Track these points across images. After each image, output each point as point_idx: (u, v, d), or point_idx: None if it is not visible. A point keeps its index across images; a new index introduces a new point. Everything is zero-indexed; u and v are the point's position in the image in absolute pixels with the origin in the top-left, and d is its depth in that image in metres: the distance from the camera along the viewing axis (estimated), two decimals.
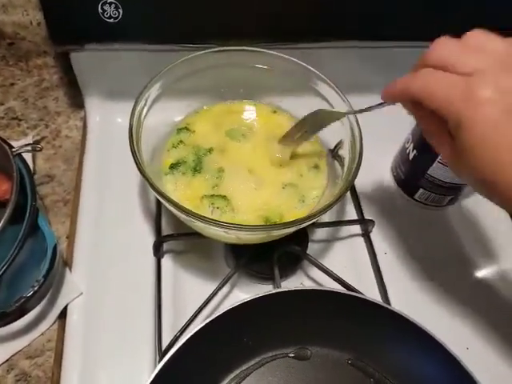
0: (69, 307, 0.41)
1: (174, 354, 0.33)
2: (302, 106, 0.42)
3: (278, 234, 0.38)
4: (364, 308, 0.37)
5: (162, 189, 0.37)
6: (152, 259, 0.44)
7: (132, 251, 0.45)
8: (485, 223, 0.50)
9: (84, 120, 0.52)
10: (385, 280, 0.45)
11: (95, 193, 0.47)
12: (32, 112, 0.52)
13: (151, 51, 0.44)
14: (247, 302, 0.36)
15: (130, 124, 0.36)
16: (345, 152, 0.42)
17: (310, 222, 0.37)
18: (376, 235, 0.48)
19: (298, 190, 0.42)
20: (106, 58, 0.45)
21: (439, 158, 0.43)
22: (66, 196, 0.47)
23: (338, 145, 0.50)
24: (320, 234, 0.48)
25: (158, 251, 0.44)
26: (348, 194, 0.50)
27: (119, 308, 0.42)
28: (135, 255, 0.44)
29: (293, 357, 0.38)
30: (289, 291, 0.37)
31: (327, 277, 0.43)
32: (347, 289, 0.42)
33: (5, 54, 0.55)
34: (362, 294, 0.41)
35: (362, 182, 0.51)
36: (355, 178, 0.38)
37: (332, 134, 0.43)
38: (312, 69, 0.41)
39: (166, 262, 0.45)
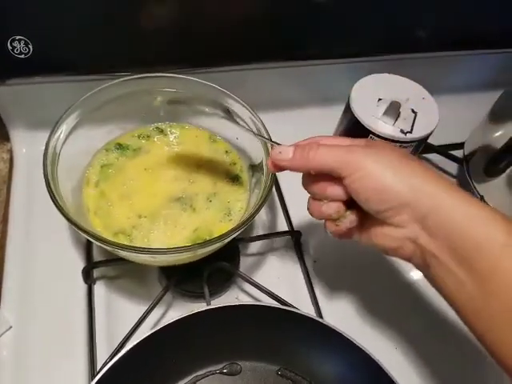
0: None
1: (101, 377, 0.34)
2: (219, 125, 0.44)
3: (204, 251, 0.39)
4: (289, 319, 0.39)
5: (84, 219, 0.38)
6: (83, 286, 0.44)
7: (63, 280, 0.44)
8: None
9: (10, 152, 0.51)
10: (315, 288, 0.46)
11: (23, 224, 0.47)
12: None
13: (69, 82, 0.44)
14: (172, 323, 0.37)
15: (44, 159, 0.37)
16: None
17: (233, 236, 0.38)
18: (306, 244, 0.50)
19: (222, 201, 0.43)
20: (26, 91, 0.45)
21: None
22: None
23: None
24: (252, 247, 0.50)
25: (88, 278, 0.44)
26: (279, 208, 0.52)
27: (50, 339, 0.41)
28: (66, 284, 0.44)
29: (224, 373, 0.39)
30: (211, 309, 0.38)
31: (260, 292, 0.44)
32: (278, 301, 0.43)
33: None
34: (290, 305, 0.43)
35: (290, 190, 0.53)
36: (270, 189, 0.39)
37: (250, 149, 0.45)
38: (224, 90, 0.42)
39: (99, 288, 0.45)
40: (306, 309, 0.44)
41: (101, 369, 0.35)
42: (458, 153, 0.56)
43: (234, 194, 0.43)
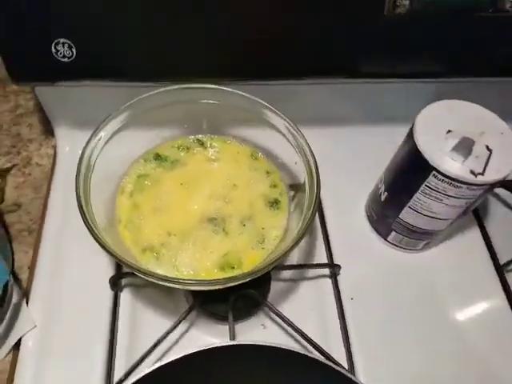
0: (23, 340, 0.40)
1: None
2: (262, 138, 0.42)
3: (234, 284, 0.37)
4: (314, 367, 0.35)
5: (114, 230, 0.37)
6: (110, 294, 0.43)
7: (91, 285, 0.44)
8: (462, 270, 0.47)
9: (55, 148, 0.52)
10: (348, 327, 0.43)
11: (59, 224, 0.47)
12: (5, 138, 0.52)
13: (113, 87, 0.43)
14: (192, 354, 0.35)
15: (78, 169, 0.36)
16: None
17: (264, 272, 0.35)
18: (344, 278, 0.46)
19: (257, 227, 0.40)
20: (71, 92, 0.45)
21: (410, 203, 0.41)
22: (31, 225, 0.47)
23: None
24: (286, 274, 0.46)
25: (115, 286, 0.43)
26: (319, 233, 0.49)
27: (73, 342, 0.41)
28: (94, 289, 0.43)
29: None
30: (232, 345, 0.35)
31: (285, 325, 0.41)
32: (304, 339, 0.40)
33: None
34: (317, 346, 0.39)
35: (334, 219, 0.49)
36: (310, 225, 0.35)
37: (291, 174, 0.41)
38: (265, 103, 0.40)
39: (125, 296, 0.44)
40: (336, 351, 0.41)
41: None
42: None
43: (270, 220, 0.40)
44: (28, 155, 0.51)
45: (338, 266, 0.45)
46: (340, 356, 0.41)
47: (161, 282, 0.34)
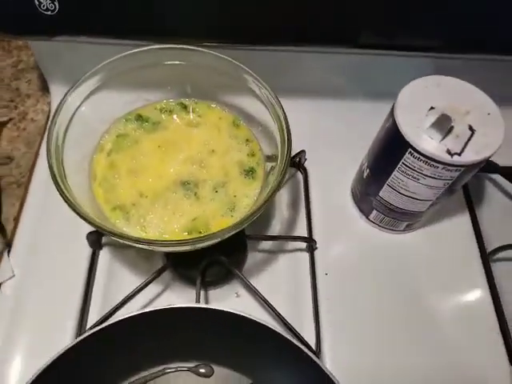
0: (2, 287, 0.42)
1: (72, 346, 0.33)
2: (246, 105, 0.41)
3: (200, 246, 0.37)
4: (275, 340, 0.35)
5: (88, 187, 0.37)
6: (88, 250, 0.44)
7: (71, 240, 0.45)
8: (444, 255, 0.45)
9: (50, 105, 0.52)
10: (320, 304, 0.42)
11: (46, 179, 0.47)
12: (5, 92, 0.53)
13: (106, 44, 0.42)
14: (148, 312, 0.35)
15: (49, 134, 0.36)
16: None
17: (229, 235, 0.35)
18: (321, 254, 0.45)
19: (228, 194, 0.40)
20: (63, 49, 0.45)
21: (388, 181, 0.39)
22: (20, 178, 0.49)
23: (299, 154, 0.48)
24: (264, 244, 0.46)
25: (94, 243, 0.44)
26: (303, 208, 0.48)
27: (49, 293, 0.42)
28: (73, 244, 0.44)
29: (195, 372, 0.37)
30: (197, 308, 0.36)
31: (256, 298, 0.42)
32: (274, 312, 0.40)
33: None
34: (285, 321, 0.40)
35: (319, 195, 0.48)
36: (281, 183, 0.35)
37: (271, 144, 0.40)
38: (248, 69, 0.39)
39: (104, 254, 0.45)
40: (305, 328, 0.41)
41: (84, 332, 0.35)
42: None
43: (243, 188, 0.40)
44: (24, 110, 0.52)
45: (314, 241, 0.44)
46: (308, 332, 0.41)
47: (125, 241, 0.34)
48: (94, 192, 0.40)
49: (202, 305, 0.39)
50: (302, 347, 0.33)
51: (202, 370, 0.37)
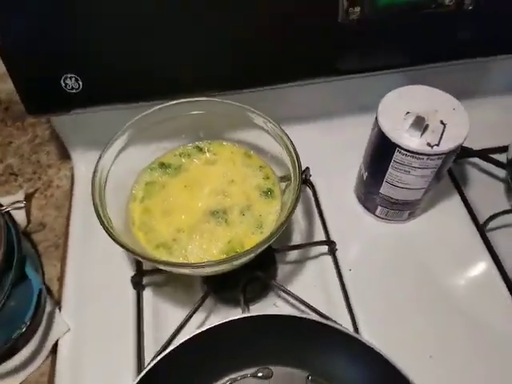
0: (59, 343, 0.45)
1: (145, 373, 0.37)
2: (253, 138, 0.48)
3: (236, 263, 0.42)
4: (323, 331, 0.39)
5: (129, 233, 0.42)
6: (133, 292, 0.48)
7: (115, 287, 0.49)
8: (446, 234, 0.52)
9: (72, 170, 0.58)
10: (350, 296, 0.47)
11: (82, 236, 0.52)
12: (27, 166, 0.58)
13: (118, 109, 0.49)
14: (210, 328, 0.39)
15: (92, 191, 0.41)
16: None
17: (262, 248, 0.39)
18: (342, 253, 0.50)
19: (254, 215, 0.45)
20: (81, 119, 0.51)
21: (386, 178, 0.46)
22: (57, 240, 0.53)
23: (305, 171, 0.54)
24: (290, 256, 0.52)
25: (137, 285, 0.48)
26: (316, 216, 0.54)
27: (104, 339, 0.46)
28: (118, 290, 0.48)
29: (256, 376, 0.41)
30: (245, 317, 0.40)
31: (294, 301, 0.46)
32: (313, 311, 0.45)
33: (3, 117, 0.63)
34: (325, 316, 0.44)
35: (328, 202, 0.54)
36: (296, 201, 0.40)
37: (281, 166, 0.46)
38: (250, 108, 0.45)
39: (147, 294, 0.49)
40: (341, 318, 0.45)
41: (146, 366, 0.38)
42: (503, 157, 0.54)
43: (266, 208, 0.45)
44: (48, 179, 0.57)
45: (334, 243, 0.50)
46: (345, 322, 0.45)
47: (173, 269, 0.39)
48: (134, 236, 0.44)
49: (257, 313, 0.42)
50: (351, 333, 0.38)
51: (263, 374, 0.41)
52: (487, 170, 0.57)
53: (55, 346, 0.45)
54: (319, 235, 0.52)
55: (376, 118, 0.43)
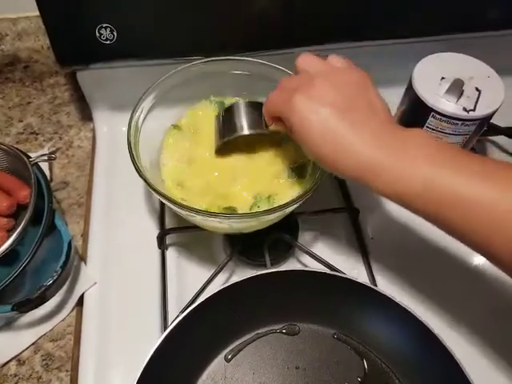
0: (85, 296, 0.46)
1: (174, 327, 0.37)
2: None
3: (266, 219, 0.42)
4: (346, 287, 0.41)
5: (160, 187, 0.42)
6: (157, 251, 0.49)
7: (139, 244, 0.49)
8: None
9: (93, 131, 0.57)
10: (371, 263, 0.48)
11: (105, 195, 0.52)
12: (47, 126, 0.58)
13: (147, 66, 0.49)
14: (238, 282, 0.40)
15: (128, 133, 0.41)
16: None
17: (294, 206, 0.40)
18: (364, 221, 0.51)
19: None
20: (108, 75, 0.51)
21: None
22: (79, 199, 0.53)
23: None
24: (311, 223, 0.52)
25: (161, 243, 0.49)
26: (337, 185, 0.54)
27: (129, 295, 0.46)
28: (142, 248, 0.49)
29: (283, 332, 0.42)
30: (276, 272, 0.41)
31: (317, 263, 0.47)
32: (336, 270, 0.45)
33: (21, 77, 0.62)
34: (343, 273, 0.44)
35: None
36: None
37: None
38: (287, 71, 0.45)
39: (170, 253, 0.50)
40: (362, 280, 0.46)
41: (171, 323, 0.38)
42: None
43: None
44: (69, 139, 0.57)
45: (357, 210, 0.50)
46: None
47: (202, 218, 0.39)
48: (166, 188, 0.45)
49: (286, 267, 0.43)
50: (382, 291, 0.40)
51: (289, 330, 0.42)
52: (508, 150, 0.58)
53: (81, 298, 0.46)
54: (342, 202, 0.53)
55: (410, 82, 0.44)
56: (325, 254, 0.48)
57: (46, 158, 0.45)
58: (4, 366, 0.42)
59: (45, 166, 0.51)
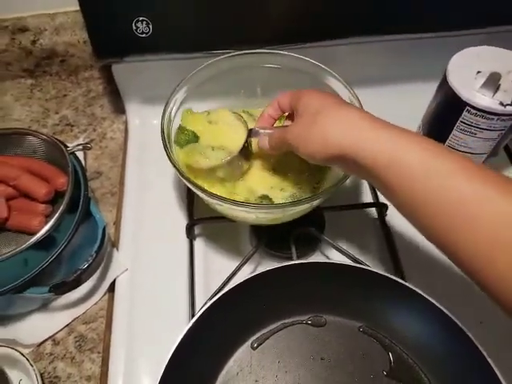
0: (116, 281, 0.47)
1: (202, 313, 0.38)
2: None
3: (292, 212, 0.43)
4: (373, 280, 0.41)
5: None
6: (185, 240, 0.50)
7: (168, 233, 0.51)
8: None
9: (126, 123, 0.59)
10: (400, 259, 0.48)
11: (137, 185, 0.54)
12: (82, 118, 0.60)
13: (179, 59, 0.50)
14: (265, 272, 0.41)
15: (162, 124, 0.42)
16: None
17: (319, 200, 0.41)
18: (391, 218, 0.51)
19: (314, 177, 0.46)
20: (142, 68, 0.52)
21: (448, 141, 0.46)
22: (112, 189, 0.55)
23: None
24: (338, 217, 0.52)
25: (190, 233, 0.50)
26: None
27: (158, 281, 0.48)
28: (171, 237, 0.50)
29: (309, 323, 0.43)
30: (304, 263, 0.41)
31: (344, 257, 0.47)
32: (362, 263, 0.45)
33: (58, 70, 0.64)
34: (370, 267, 0.44)
35: None
36: None
37: None
38: (320, 65, 0.45)
39: (198, 243, 0.51)
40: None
41: (199, 310, 0.39)
42: None
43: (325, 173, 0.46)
44: (103, 131, 0.59)
45: (385, 205, 0.50)
46: None
47: (231, 208, 0.40)
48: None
49: (314, 259, 0.43)
50: (412, 286, 0.39)
51: (315, 321, 0.43)
52: None
53: (113, 284, 0.47)
54: (369, 197, 0.53)
55: (444, 75, 0.43)
56: (351, 249, 0.48)
57: (81, 147, 0.47)
58: (40, 345, 0.44)
59: (80, 157, 0.52)
